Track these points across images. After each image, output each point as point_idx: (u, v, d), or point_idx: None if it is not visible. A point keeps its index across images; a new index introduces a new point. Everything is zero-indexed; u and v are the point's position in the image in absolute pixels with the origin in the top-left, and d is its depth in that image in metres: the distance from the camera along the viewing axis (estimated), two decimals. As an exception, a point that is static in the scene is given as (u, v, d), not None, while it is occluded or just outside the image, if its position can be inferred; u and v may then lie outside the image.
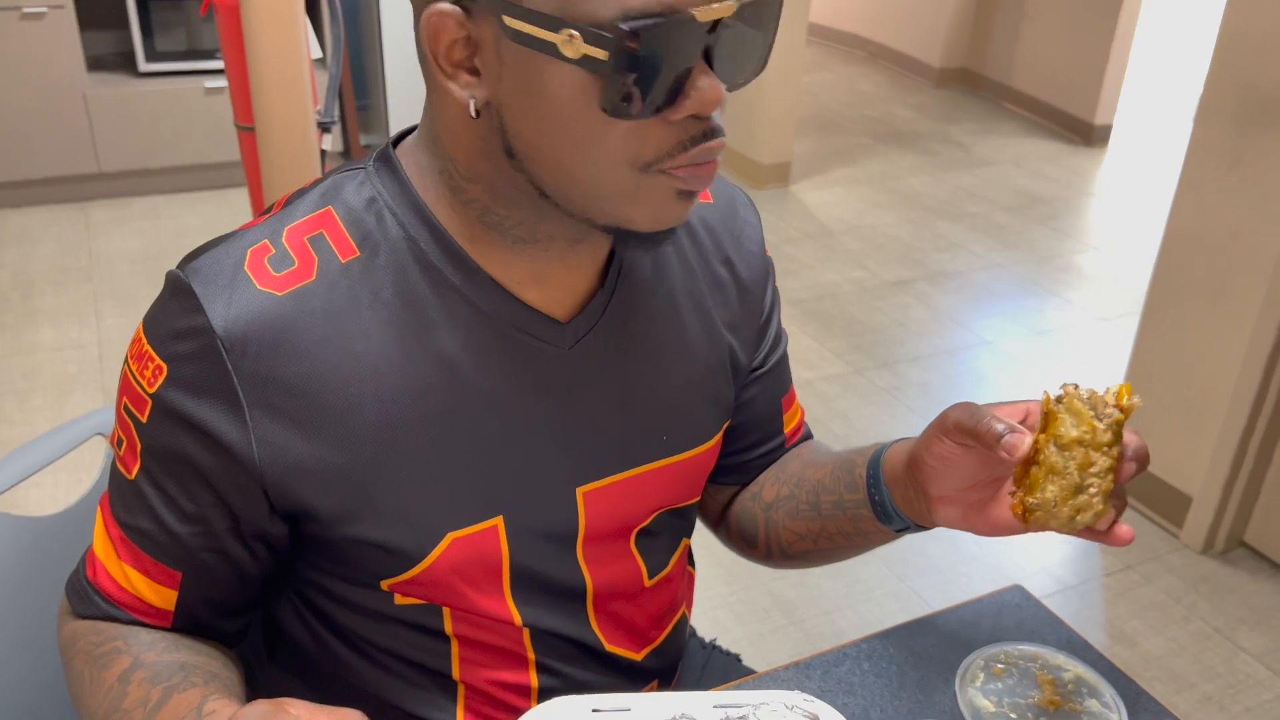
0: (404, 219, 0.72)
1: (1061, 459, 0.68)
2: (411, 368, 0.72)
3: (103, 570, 0.76)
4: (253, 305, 0.69)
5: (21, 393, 2.59)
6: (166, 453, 0.71)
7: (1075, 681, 0.88)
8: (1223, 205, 2.12)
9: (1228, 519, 2.25)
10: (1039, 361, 2.99)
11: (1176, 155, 2.23)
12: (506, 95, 0.65)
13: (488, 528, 0.76)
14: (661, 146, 0.65)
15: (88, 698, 0.73)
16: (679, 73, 0.62)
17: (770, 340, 0.92)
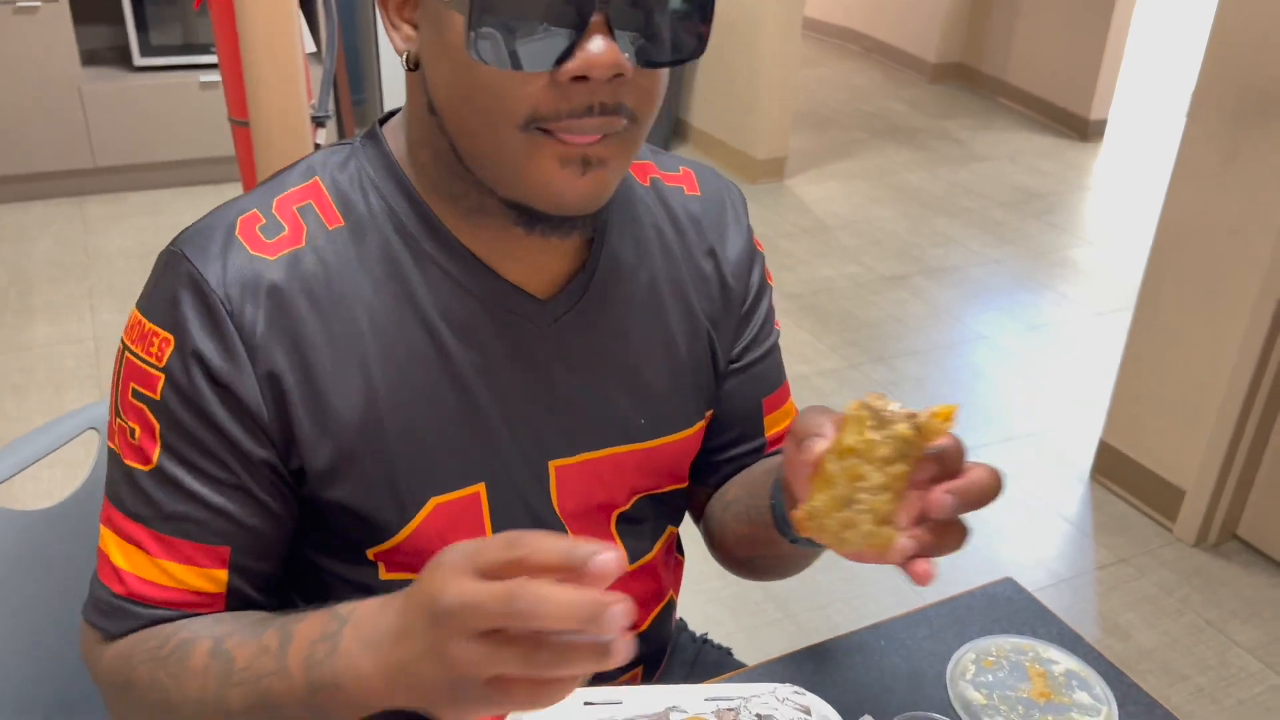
0: (385, 191, 0.75)
1: (835, 467, 0.61)
2: (398, 334, 0.73)
3: (134, 579, 0.72)
4: (247, 269, 0.71)
5: (18, 388, 2.59)
6: (187, 422, 0.70)
7: (1066, 674, 0.89)
8: (1216, 199, 2.12)
9: (1221, 512, 2.26)
10: (1034, 356, 3.00)
11: (1171, 150, 2.23)
12: (425, 45, 0.68)
13: (470, 494, 0.77)
14: (541, 106, 0.63)
15: (181, 692, 0.68)
16: (564, 31, 0.61)
17: (751, 334, 0.90)
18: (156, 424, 0.71)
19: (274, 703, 0.64)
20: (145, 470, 0.72)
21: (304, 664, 0.62)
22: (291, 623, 0.65)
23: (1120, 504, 2.42)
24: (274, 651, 0.64)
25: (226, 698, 0.66)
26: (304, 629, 0.64)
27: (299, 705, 0.63)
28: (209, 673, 0.67)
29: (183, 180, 3.66)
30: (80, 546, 0.98)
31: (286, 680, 0.63)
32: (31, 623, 0.95)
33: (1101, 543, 2.30)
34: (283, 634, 0.65)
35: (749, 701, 0.76)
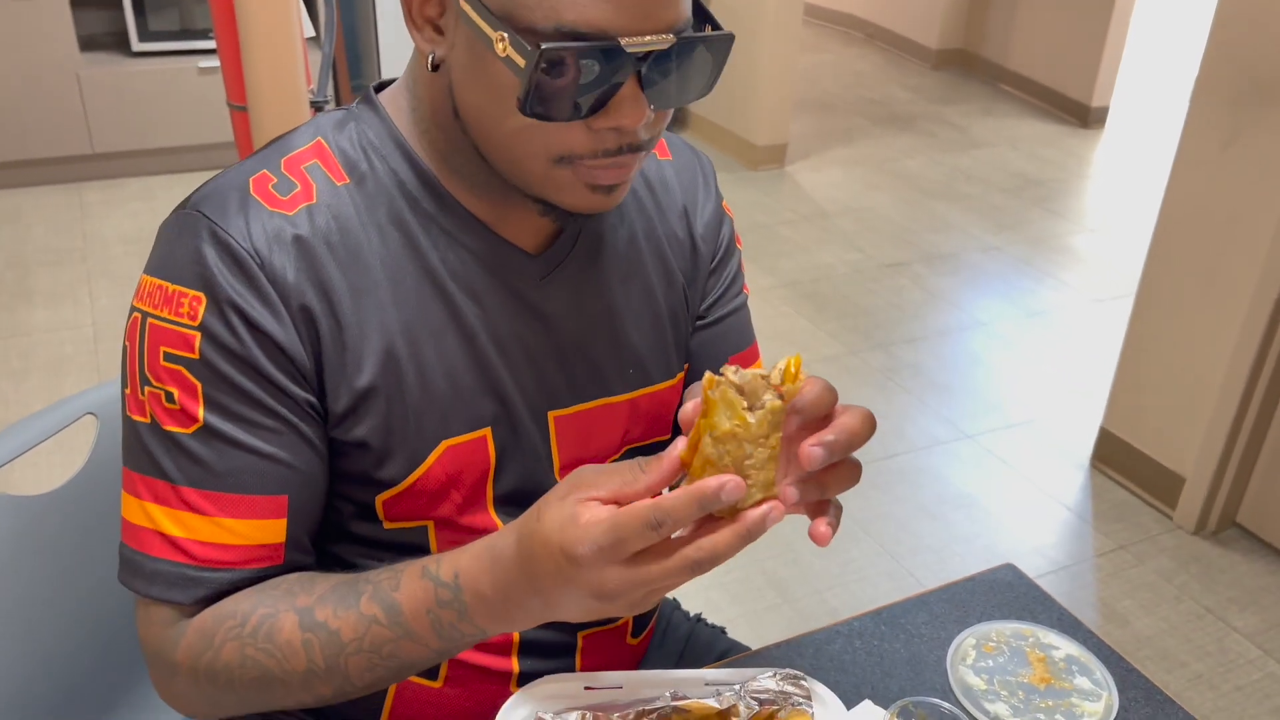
0: (385, 152, 0.78)
1: (716, 452, 0.61)
2: (408, 283, 0.77)
3: (195, 545, 0.72)
4: (268, 224, 0.73)
5: (16, 373, 2.58)
6: (231, 375, 0.71)
7: (1066, 660, 0.89)
8: (1218, 186, 2.11)
9: (1220, 499, 2.26)
10: (1033, 343, 2.99)
11: (1173, 137, 2.23)
12: (456, 62, 0.71)
13: (478, 437, 0.80)
14: (576, 148, 0.70)
15: (284, 666, 0.70)
16: (602, 90, 0.67)
17: (719, 289, 0.94)
18: (198, 383, 0.71)
19: (402, 661, 0.70)
20: (189, 432, 0.72)
21: (433, 628, 0.68)
22: (384, 590, 0.69)
23: (1120, 491, 2.42)
24: (385, 623, 0.69)
25: (341, 666, 0.70)
26: (407, 596, 0.68)
27: (430, 657, 0.70)
28: (312, 646, 0.70)
29: (181, 166, 3.65)
30: (79, 532, 0.98)
31: (417, 642, 0.69)
32: (31, 608, 0.94)
33: (1101, 530, 2.30)
34: (384, 604, 0.69)
35: (749, 686, 0.76)
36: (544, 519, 0.62)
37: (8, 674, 0.92)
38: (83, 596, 0.99)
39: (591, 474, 0.62)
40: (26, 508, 0.94)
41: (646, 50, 0.66)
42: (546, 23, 0.64)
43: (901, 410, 2.66)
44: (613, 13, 0.64)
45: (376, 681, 0.72)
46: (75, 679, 0.99)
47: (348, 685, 0.71)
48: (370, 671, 0.71)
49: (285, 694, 0.72)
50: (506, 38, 0.65)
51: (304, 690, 0.72)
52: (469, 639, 0.69)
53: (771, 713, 0.75)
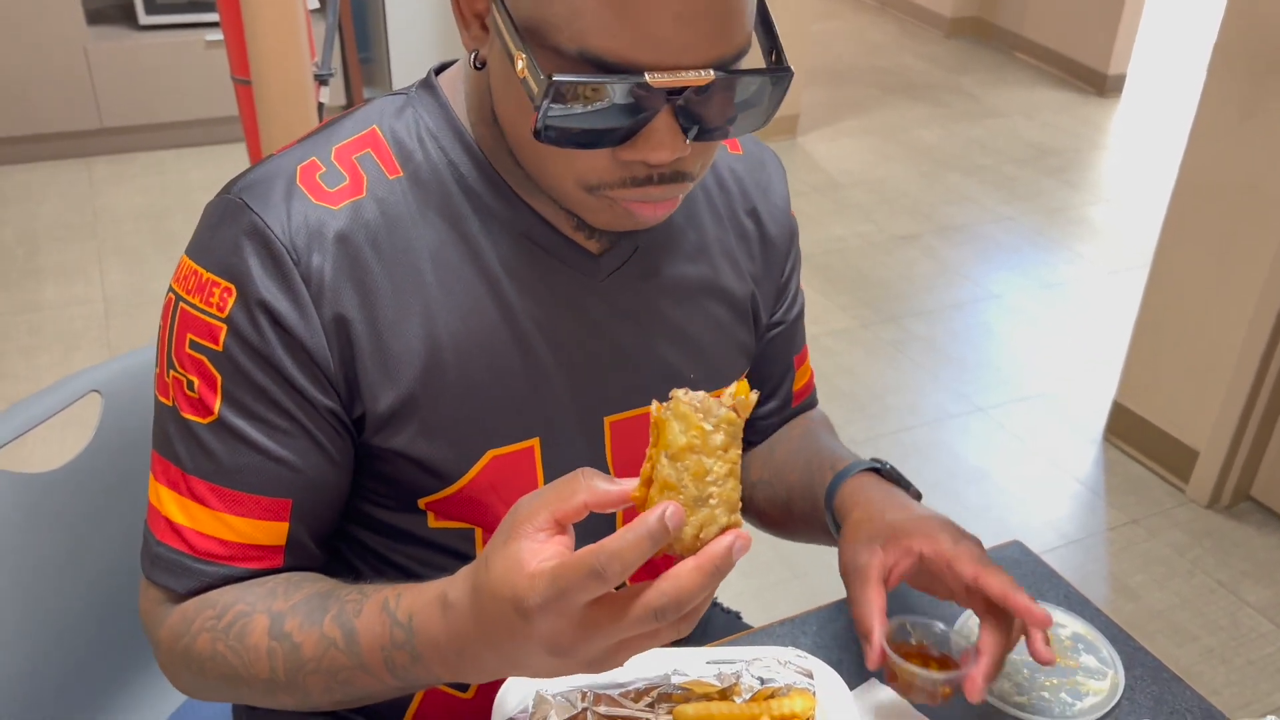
0: (444, 143, 0.74)
1: (675, 471, 0.56)
2: (458, 285, 0.74)
3: (195, 534, 0.72)
4: (310, 217, 0.70)
5: (27, 349, 2.59)
6: (251, 372, 0.70)
7: (1072, 637, 0.88)
8: (1235, 155, 2.08)
9: (1234, 473, 2.25)
10: (1047, 315, 2.97)
11: (1191, 106, 2.19)
12: (492, 67, 0.68)
13: (525, 448, 0.78)
14: (604, 177, 0.66)
15: (248, 670, 0.69)
16: (630, 121, 0.62)
17: (789, 298, 0.94)
18: (218, 376, 0.70)
19: (359, 689, 0.67)
20: (205, 423, 0.71)
21: (386, 666, 0.64)
22: (347, 615, 0.66)
23: (1133, 465, 2.40)
24: (342, 648, 0.65)
25: (300, 682, 0.67)
26: (365, 627, 0.65)
27: (386, 690, 0.66)
28: (275, 656, 0.68)
29: (190, 140, 3.64)
30: (85, 509, 0.98)
31: (371, 674, 0.65)
32: (38, 585, 0.95)
33: (1113, 504, 2.29)
34: (344, 629, 0.65)
35: (750, 665, 0.76)
36: (491, 568, 0.56)
37: (15, 650, 0.92)
38: (89, 574, 0.99)
39: (528, 501, 0.57)
40: (32, 485, 0.94)
41: (679, 86, 0.60)
42: (571, 45, 0.60)
43: (914, 384, 2.65)
44: (642, 46, 0.59)
45: (339, 703, 0.69)
46: (82, 655, 0.99)
47: (309, 701, 0.69)
48: (329, 693, 0.68)
49: (250, 694, 0.71)
50: (525, 60, 0.61)
51: (267, 695, 0.70)
52: (427, 682, 0.65)
53: (773, 691, 0.74)
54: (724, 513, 0.56)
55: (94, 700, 1.01)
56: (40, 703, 0.95)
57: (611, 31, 0.59)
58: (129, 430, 1.00)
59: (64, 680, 0.98)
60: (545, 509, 0.56)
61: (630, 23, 0.58)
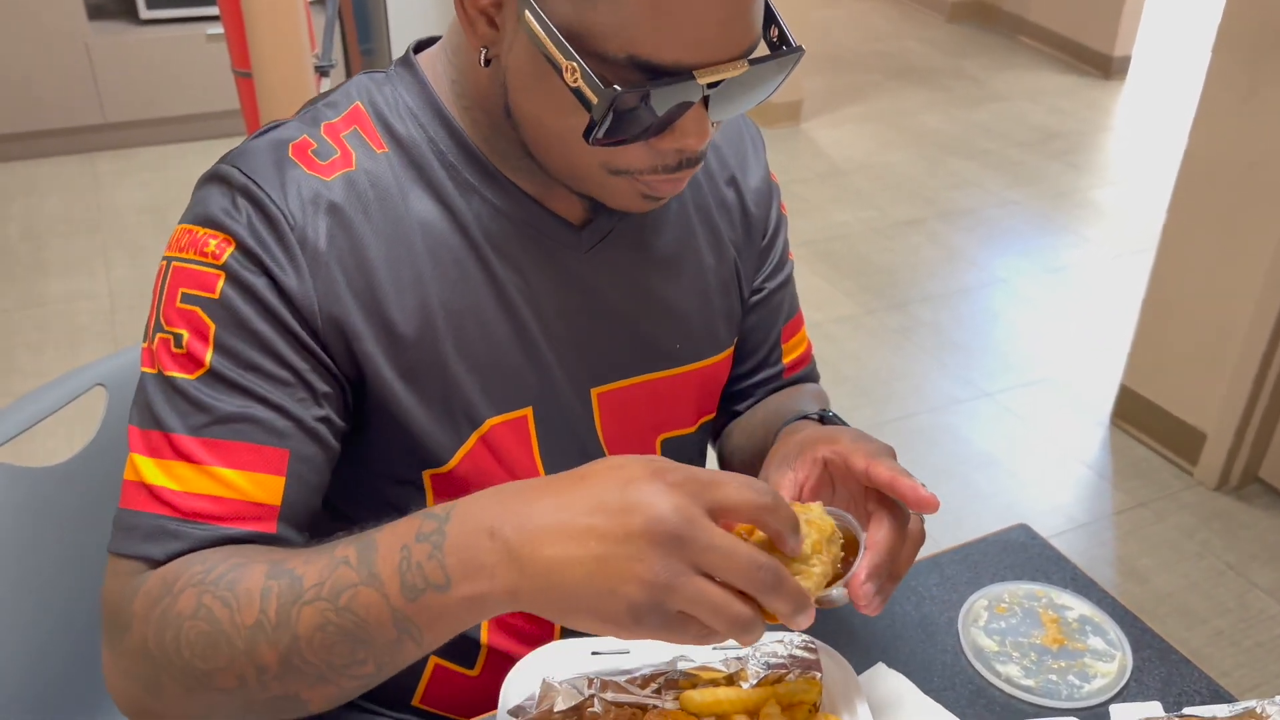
0: (424, 119, 0.76)
1: None
2: (447, 256, 0.75)
3: (180, 496, 0.67)
4: (304, 186, 0.71)
5: (34, 345, 2.60)
6: (248, 317, 0.69)
7: (1080, 620, 0.88)
8: (1239, 136, 2.07)
9: (1243, 455, 2.24)
10: (1053, 300, 2.96)
11: (1196, 87, 2.18)
12: (512, 64, 0.68)
13: (519, 416, 0.79)
14: (636, 164, 0.69)
15: (233, 619, 0.61)
16: (668, 115, 0.65)
17: (772, 265, 0.93)
18: (211, 325, 0.69)
19: (358, 619, 0.58)
20: (194, 377, 0.69)
21: (398, 570, 0.57)
22: (369, 534, 0.60)
23: (1140, 448, 2.40)
24: (354, 564, 0.59)
25: (292, 618, 0.59)
26: (388, 534, 0.59)
27: (388, 619, 0.58)
28: (269, 595, 0.60)
29: (193, 135, 3.64)
30: (91, 502, 0.98)
31: (377, 589, 0.58)
32: (43, 578, 0.95)
33: (1121, 487, 2.29)
34: (360, 545, 0.60)
35: (757, 650, 0.76)
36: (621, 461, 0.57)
37: (20, 642, 0.93)
38: (94, 567, 0.99)
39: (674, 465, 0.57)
40: (38, 479, 0.95)
41: (719, 79, 0.64)
42: (619, 52, 0.62)
43: (919, 369, 2.64)
44: (691, 48, 0.62)
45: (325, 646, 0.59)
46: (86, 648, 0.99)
47: (294, 651, 0.60)
48: (321, 630, 0.59)
49: (228, 663, 0.61)
50: (579, 70, 0.62)
51: (247, 657, 0.60)
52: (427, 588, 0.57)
53: (780, 677, 0.74)
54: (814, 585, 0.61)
55: (97, 692, 1.01)
56: (44, 695, 0.95)
57: (660, 38, 0.61)
58: (134, 423, 1.00)
59: (68, 672, 0.98)
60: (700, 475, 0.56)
61: (678, 30, 0.61)
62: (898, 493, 0.66)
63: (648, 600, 0.53)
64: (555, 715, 0.70)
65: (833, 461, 0.70)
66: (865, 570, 0.64)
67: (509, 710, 0.71)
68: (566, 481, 0.56)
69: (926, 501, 0.65)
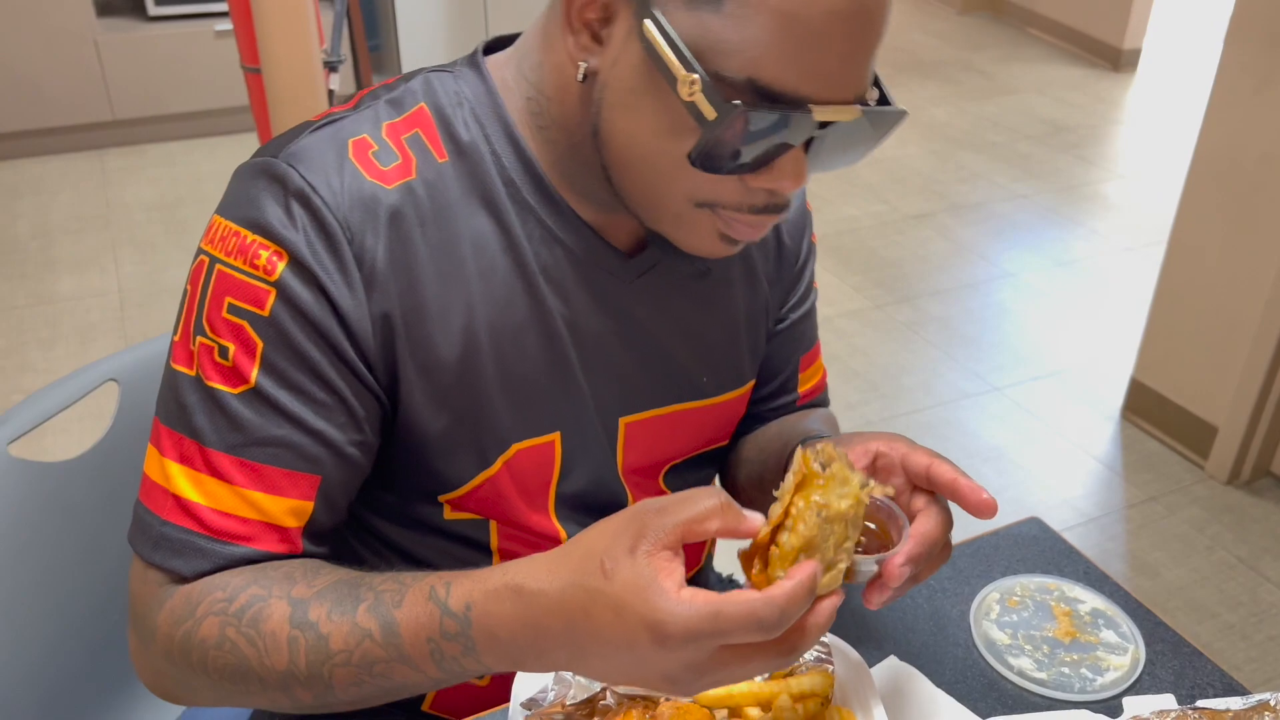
0: (489, 130, 0.73)
1: (822, 531, 0.56)
2: (496, 276, 0.73)
3: (210, 513, 0.67)
4: (364, 192, 0.69)
5: (45, 341, 2.61)
6: (299, 340, 0.67)
7: (1092, 613, 0.87)
8: (1251, 128, 2.06)
9: (1254, 449, 2.23)
10: (1062, 293, 2.95)
11: (1207, 79, 2.16)
12: (614, 81, 0.65)
13: (546, 441, 0.78)
14: (725, 198, 0.67)
15: (262, 660, 0.64)
16: (771, 150, 0.64)
17: (799, 295, 0.92)
18: (260, 342, 0.67)
19: (394, 682, 0.63)
20: (237, 393, 0.67)
21: (432, 658, 0.61)
22: (385, 605, 0.62)
23: (1151, 442, 2.39)
24: (379, 640, 0.61)
25: (325, 675, 0.63)
26: (408, 617, 0.61)
27: (427, 683, 0.63)
28: (297, 646, 0.63)
29: (202, 131, 3.64)
30: (103, 498, 0.99)
31: (411, 667, 0.62)
32: (56, 573, 0.95)
33: (1131, 481, 2.28)
34: (382, 620, 0.62)
35: (769, 644, 0.76)
36: (614, 579, 0.54)
37: (34, 638, 0.93)
38: (107, 562, 1.00)
39: (654, 517, 0.55)
40: (50, 474, 0.95)
41: (831, 119, 0.62)
42: (739, 73, 0.60)
43: (928, 364, 2.63)
44: (810, 78, 0.61)
45: (363, 698, 0.64)
46: (99, 644, 1.00)
47: (330, 696, 0.64)
48: (357, 686, 0.63)
49: (260, 690, 0.65)
50: (699, 83, 0.60)
51: (281, 691, 0.65)
52: (471, 673, 0.62)
53: (792, 670, 0.74)
54: (839, 576, 0.59)
55: (111, 688, 1.02)
56: (58, 690, 0.95)
57: (785, 64, 0.60)
58: (146, 419, 1.00)
59: (82, 665, 0.98)
60: (678, 528, 0.54)
61: (804, 58, 0.60)
62: (958, 493, 0.67)
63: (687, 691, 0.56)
64: (568, 708, 0.70)
65: (885, 455, 0.70)
66: (904, 555, 0.65)
67: (521, 703, 0.71)
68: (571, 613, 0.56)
69: (987, 505, 0.66)
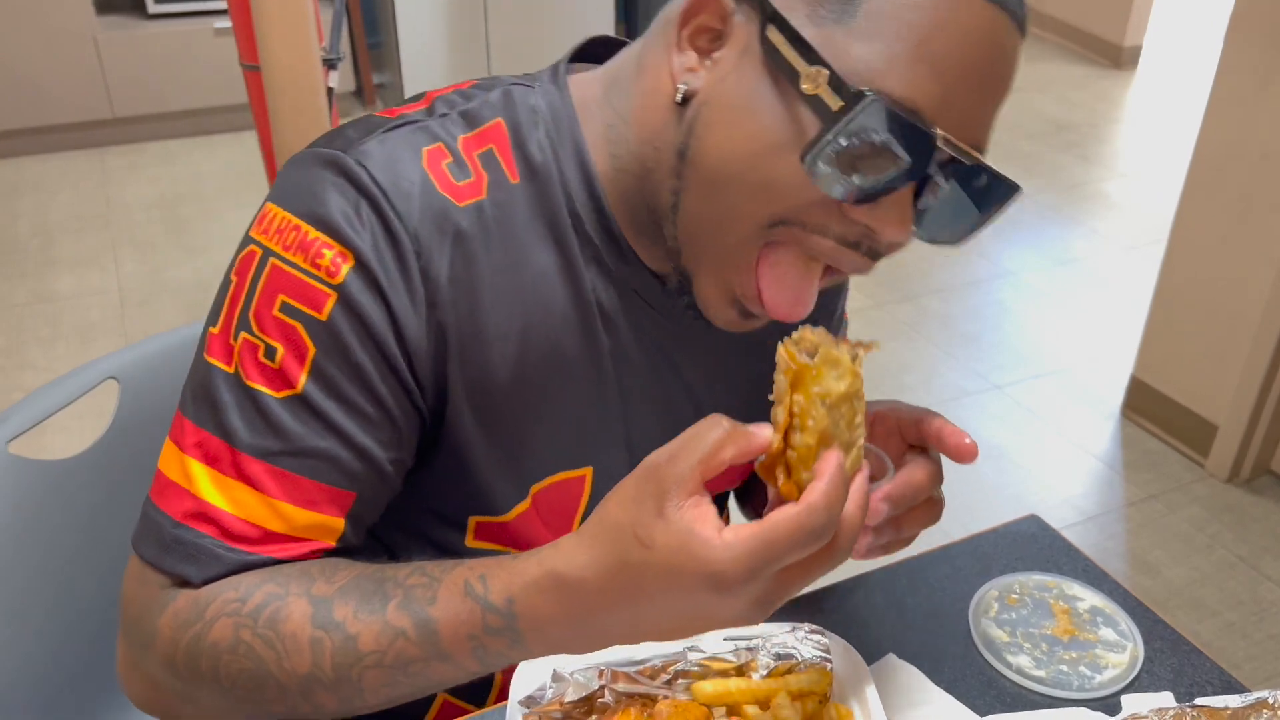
0: (562, 154, 0.70)
1: (831, 420, 0.56)
2: (555, 306, 0.71)
3: (236, 521, 0.63)
4: (436, 208, 0.66)
5: (45, 340, 2.61)
6: (354, 350, 0.63)
7: (1091, 611, 0.87)
8: (1252, 126, 2.06)
9: (1254, 447, 2.23)
10: (1063, 292, 2.95)
11: (1208, 77, 2.16)
12: (718, 97, 0.63)
13: (578, 476, 0.77)
14: (812, 217, 0.62)
15: (283, 664, 0.61)
16: (882, 181, 0.60)
17: (832, 327, 0.92)
18: (312, 348, 0.63)
19: (429, 680, 0.61)
20: (280, 397, 0.63)
21: (474, 653, 0.59)
22: (417, 602, 0.59)
23: (1151, 440, 2.39)
24: (414, 639, 0.59)
25: (353, 678, 0.60)
26: (445, 614, 0.58)
27: (464, 677, 0.61)
28: (321, 648, 0.60)
29: (202, 129, 3.65)
30: (103, 495, 0.99)
31: (451, 665, 0.59)
32: (56, 571, 0.95)
33: (1131, 479, 2.28)
34: (416, 618, 0.59)
35: (768, 641, 0.76)
36: (655, 546, 0.52)
37: (33, 636, 0.93)
38: (107, 559, 1.00)
39: (668, 467, 0.53)
40: (51, 472, 0.95)
41: (952, 157, 0.60)
42: (860, 83, 0.57)
43: (929, 362, 2.64)
44: (939, 107, 0.58)
45: (392, 699, 0.62)
46: (99, 641, 1.00)
47: (358, 700, 0.62)
48: (389, 687, 0.61)
49: (278, 696, 0.62)
50: (825, 75, 0.57)
51: (301, 697, 0.61)
52: (515, 662, 0.60)
53: (790, 667, 0.74)
54: (860, 455, 0.58)
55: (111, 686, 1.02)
56: (58, 687, 0.95)
57: (913, 84, 0.58)
58: (146, 418, 1.00)
59: (82, 665, 0.98)
60: (695, 470, 0.53)
61: (935, 82, 0.58)
62: (942, 439, 0.68)
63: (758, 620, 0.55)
64: (566, 706, 0.71)
65: (883, 417, 0.71)
66: (883, 492, 0.65)
67: (520, 701, 0.71)
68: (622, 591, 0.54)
69: (968, 449, 0.67)
